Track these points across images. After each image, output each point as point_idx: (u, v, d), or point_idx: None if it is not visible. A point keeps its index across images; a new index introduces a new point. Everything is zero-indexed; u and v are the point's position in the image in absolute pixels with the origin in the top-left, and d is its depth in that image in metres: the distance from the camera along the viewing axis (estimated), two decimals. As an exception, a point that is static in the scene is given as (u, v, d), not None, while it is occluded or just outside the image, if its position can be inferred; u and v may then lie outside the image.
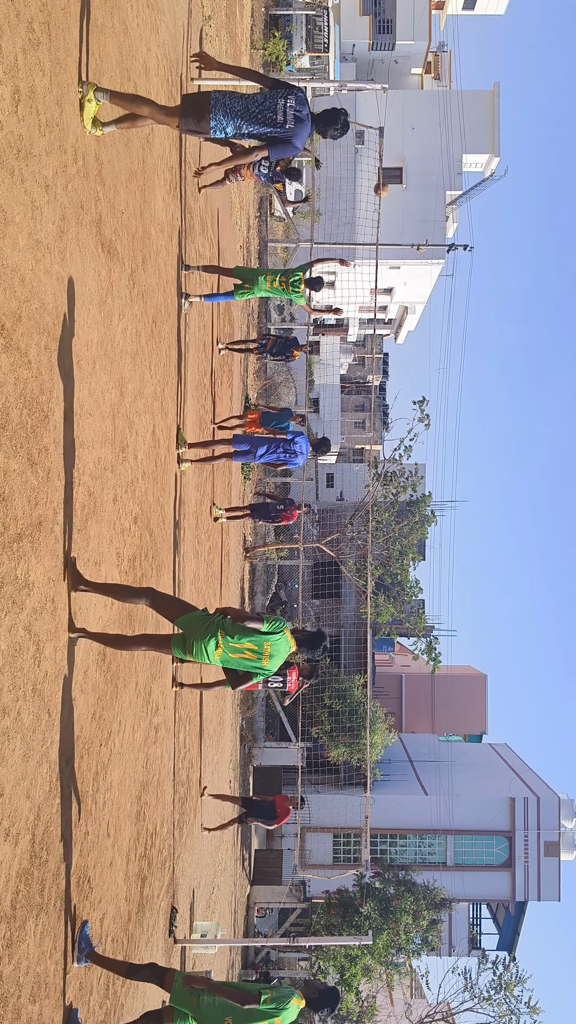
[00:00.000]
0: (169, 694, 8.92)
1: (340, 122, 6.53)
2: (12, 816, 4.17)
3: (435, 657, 24.67)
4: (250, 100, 6.00)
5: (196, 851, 11.42)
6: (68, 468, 5.05)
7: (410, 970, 29.38)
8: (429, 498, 25.86)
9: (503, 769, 34.36)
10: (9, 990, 4.14)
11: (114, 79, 6.23)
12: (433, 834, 30.58)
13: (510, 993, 22.16)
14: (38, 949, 4.54)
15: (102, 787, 5.97)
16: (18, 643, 4.24)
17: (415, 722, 42.56)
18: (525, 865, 30.48)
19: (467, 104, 38.30)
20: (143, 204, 7.36)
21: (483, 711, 43.99)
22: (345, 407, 59.17)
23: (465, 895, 30.12)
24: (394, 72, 47.68)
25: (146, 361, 7.51)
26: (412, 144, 38.20)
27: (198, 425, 11.34)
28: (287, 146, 6.08)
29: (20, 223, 4.21)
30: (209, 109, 5.89)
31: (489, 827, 30.74)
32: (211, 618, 5.80)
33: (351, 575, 24.91)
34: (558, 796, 30.97)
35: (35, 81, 4.45)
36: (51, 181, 4.70)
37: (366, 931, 20.71)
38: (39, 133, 4.51)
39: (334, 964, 21.81)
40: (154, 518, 7.91)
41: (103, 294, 5.91)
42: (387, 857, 30.22)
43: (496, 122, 39.46)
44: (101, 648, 5.90)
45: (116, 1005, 6.45)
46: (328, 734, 26.17)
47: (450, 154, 37.54)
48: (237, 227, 18.12)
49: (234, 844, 18.28)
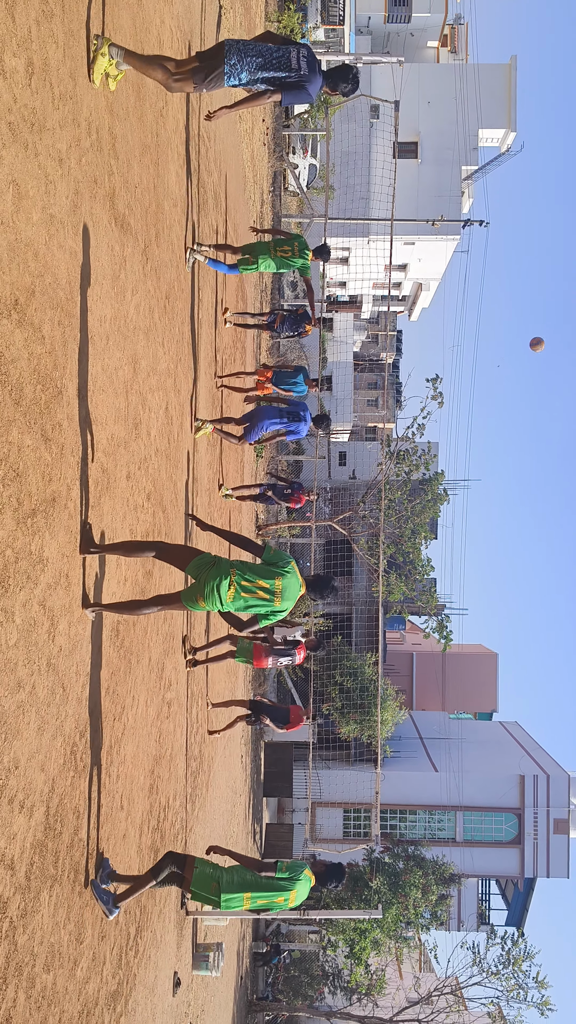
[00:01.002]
0: (182, 670, 8.97)
1: (351, 77, 6.48)
2: (27, 788, 4.21)
3: (446, 636, 24.71)
4: (264, 48, 6.05)
5: (208, 824, 11.52)
6: (82, 444, 5.05)
7: (419, 944, 29.69)
8: (442, 476, 25.79)
9: (513, 747, 34.50)
10: (24, 959, 4.20)
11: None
12: (443, 810, 30.78)
13: (518, 968, 22.32)
14: (52, 920, 4.60)
15: (116, 760, 6.02)
16: (33, 618, 4.26)
17: (425, 700, 42.70)
18: (534, 842, 30.67)
19: (483, 78, 37.83)
20: (156, 178, 7.31)
21: (494, 689, 44.08)
22: (358, 385, 58.95)
23: (474, 871, 30.36)
24: (410, 45, 47.10)
25: (159, 337, 7.49)
26: (428, 118, 37.80)
27: (211, 403, 11.33)
28: (301, 92, 6.11)
29: (34, 197, 4.20)
30: (224, 55, 5.90)
31: (499, 804, 30.92)
32: (222, 560, 5.66)
33: (363, 553, 24.93)
34: (567, 774, 31.09)
35: (48, 53, 4.42)
36: (65, 155, 4.68)
37: (376, 905, 20.89)
38: (53, 106, 4.48)
39: (344, 937, 22.03)
40: (167, 495, 7.92)
41: (116, 269, 5.89)
42: (397, 832, 30.45)
43: (513, 96, 38.97)
44: (114, 624, 5.93)
45: (129, 975, 6.54)
46: (339, 711, 26.30)
47: (466, 129, 37.13)
48: (250, 202, 18.00)
49: (246, 817, 18.43)
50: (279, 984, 25.45)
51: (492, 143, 41.48)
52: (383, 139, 33.72)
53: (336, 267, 43.29)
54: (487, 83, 37.91)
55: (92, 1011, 5.46)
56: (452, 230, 37.31)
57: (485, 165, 39.54)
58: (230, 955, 15.05)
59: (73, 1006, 5.02)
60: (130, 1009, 6.59)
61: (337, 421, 44.05)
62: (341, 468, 42.44)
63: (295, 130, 27.75)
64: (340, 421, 44.73)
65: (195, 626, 10.06)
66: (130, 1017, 6.59)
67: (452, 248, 41.97)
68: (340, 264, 42.96)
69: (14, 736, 4.04)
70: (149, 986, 7.36)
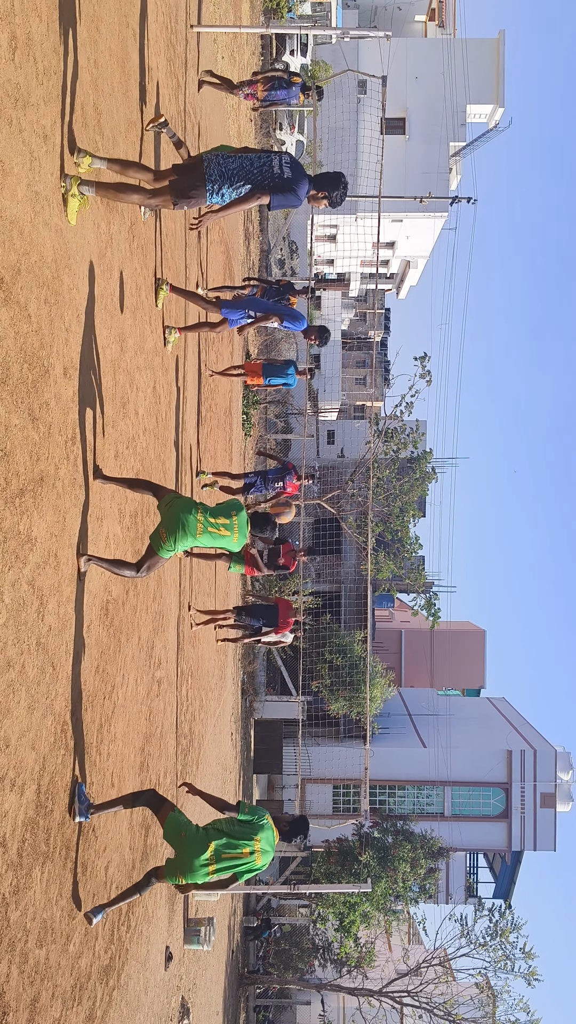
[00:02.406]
0: (171, 649, 9.00)
1: (341, 185, 6.22)
2: (18, 767, 4.24)
3: (434, 613, 24.83)
4: (244, 159, 5.79)
5: (199, 801, 11.60)
6: (69, 424, 5.04)
7: (408, 917, 30.04)
8: (430, 455, 25.82)
9: (500, 722, 34.79)
10: (17, 935, 4.24)
11: (112, 25, 6.10)
12: (431, 785, 31.05)
13: (505, 939, 22.61)
14: (44, 896, 4.64)
15: (106, 739, 6.05)
16: (22, 597, 4.27)
17: (414, 677, 42.96)
18: (521, 816, 30.99)
19: (471, 53, 37.51)
20: (142, 155, 7.25)
21: (481, 666, 44.37)
22: (346, 363, 58.81)
23: (462, 844, 30.68)
24: (397, 19, 46.67)
25: (146, 316, 7.45)
26: (415, 94, 37.50)
27: (200, 380, 11.29)
28: (290, 194, 5.84)
29: (19, 174, 4.16)
30: (204, 171, 5.66)
31: (486, 779, 31.21)
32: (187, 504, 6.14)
33: (352, 532, 24.98)
34: (554, 749, 31.39)
35: (32, 27, 4.36)
36: (49, 131, 4.63)
37: (365, 879, 21.10)
38: (37, 81, 4.43)
39: (334, 911, 22.26)
40: (156, 474, 7.91)
41: (103, 247, 5.85)
42: (386, 807, 30.72)
43: (501, 71, 38.67)
44: (104, 603, 5.94)
45: (121, 950, 6.61)
46: (328, 688, 26.44)
47: (454, 104, 36.87)
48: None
49: (236, 794, 18.56)
50: (270, 957, 25.73)
51: (480, 119, 41.18)
52: (370, 115, 33.47)
53: (324, 245, 43.05)
54: (475, 58, 37.60)
55: (85, 985, 5.52)
56: (440, 207, 37.10)
57: (473, 141, 39.27)
58: (221, 929, 15.21)
59: (66, 980, 5.08)
60: (123, 983, 6.66)
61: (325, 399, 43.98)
62: (329, 447, 42.41)
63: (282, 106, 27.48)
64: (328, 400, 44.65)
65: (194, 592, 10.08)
66: (123, 991, 6.67)
67: (440, 225, 41.78)
68: (328, 242, 42.73)
69: (4, 715, 4.06)
70: (141, 960, 7.44)
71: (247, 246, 20.32)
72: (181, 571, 9.80)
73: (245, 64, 18.74)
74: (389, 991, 22.44)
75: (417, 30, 47.96)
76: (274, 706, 26.38)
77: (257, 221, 23.12)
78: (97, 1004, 5.86)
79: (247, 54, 19.11)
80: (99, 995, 5.91)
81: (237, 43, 16.26)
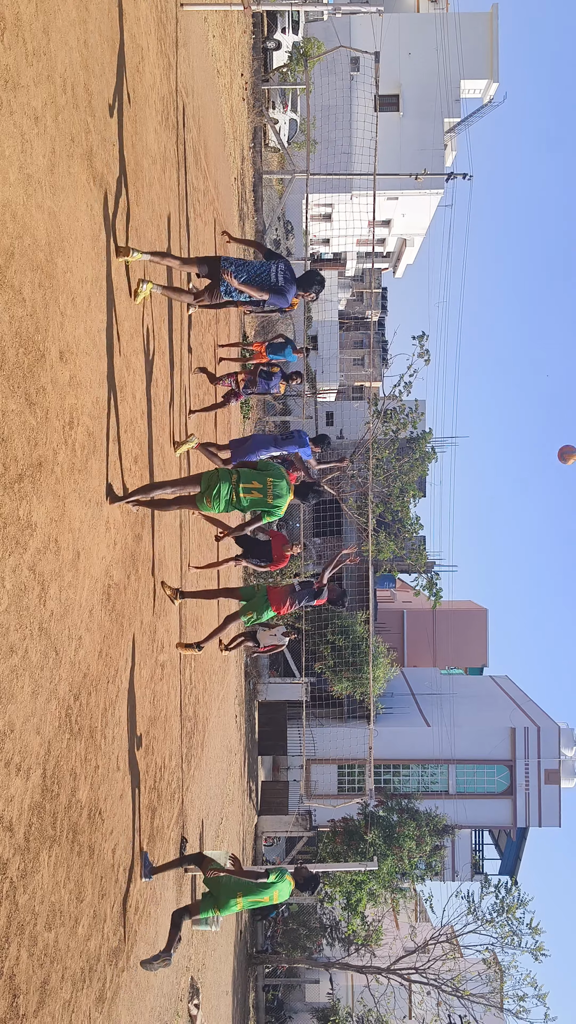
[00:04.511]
0: (175, 633, 9.01)
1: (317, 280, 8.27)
2: (23, 751, 4.25)
3: (436, 592, 24.87)
4: (250, 265, 7.75)
5: (204, 783, 11.66)
6: (67, 408, 5.02)
7: (414, 894, 30.23)
8: (429, 435, 25.77)
9: (504, 700, 34.92)
10: (26, 919, 4.26)
11: (102, 5, 6.03)
12: (435, 764, 31.20)
13: (512, 915, 22.76)
14: (52, 879, 4.67)
15: (111, 722, 6.07)
16: (23, 583, 4.27)
17: (417, 656, 43.08)
18: (526, 792, 31.16)
19: (465, 27, 37.14)
20: (135, 136, 7.19)
21: (484, 644, 44.48)
22: (344, 344, 58.59)
23: (467, 822, 30.87)
24: (390, -6, 46.09)
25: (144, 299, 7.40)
26: (409, 70, 37.15)
27: (197, 363, 11.25)
28: (281, 298, 7.86)
29: (10, 156, 4.12)
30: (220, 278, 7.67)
31: (490, 756, 31.36)
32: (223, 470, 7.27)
33: (352, 513, 24.97)
34: (558, 725, 31.52)
35: (20, 8, 4.31)
36: (40, 113, 4.59)
37: (371, 857, 21.24)
38: (26, 63, 4.38)
39: (340, 890, 22.41)
40: (155, 458, 7.89)
41: (96, 229, 5.81)
42: (391, 787, 30.88)
43: (495, 46, 38.31)
44: (105, 587, 5.94)
45: (130, 932, 6.65)
46: (331, 669, 26.52)
47: (448, 80, 36.53)
48: (231, 159, 17.73)
49: (241, 776, 18.65)
50: (278, 937, 25.95)
51: (475, 94, 40.82)
52: (364, 92, 33.19)
53: (319, 224, 42.80)
54: (469, 33, 37.21)
55: (94, 967, 5.56)
56: (435, 184, 36.87)
57: (468, 117, 38.94)
58: (229, 910, 15.30)
59: (75, 963, 5.11)
60: (132, 965, 6.71)
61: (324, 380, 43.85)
62: (328, 428, 42.31)
63: (274, 84, 27.25)
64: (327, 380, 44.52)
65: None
66: (132, 973, 6.72)
67: (436, 202, 41.53)
68: (323, 221, 42.48)
69: (8, 700, 4.07)
70: (150, 942, 7.49)
71: (242, 227, 20.19)
72: (182, 555, 9.80)
73: (236, 43, 18.56)
74: (397, 968, 22.63)
75: (410, 5, 47.46)
76: (278, 688, 26.47)
77: (251, 201, 22.97)
78: (107, 986, 5.90)
79: (238, 32, 18.92)
80: (108, 977, 5.96)
81: (228, 21, 16.10)
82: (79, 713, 5.24)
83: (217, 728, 13.57)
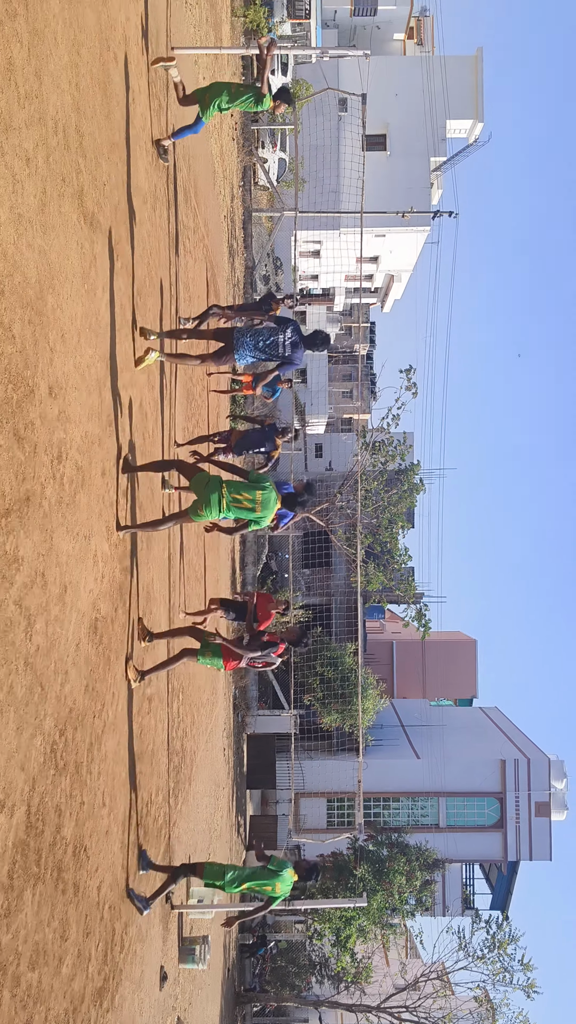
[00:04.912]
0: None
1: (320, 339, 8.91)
2: (7, 788, 4.23)
3: (425, 623, 24.84)
4: (259, 336, 8.39)
5: (191, 818, 11.56)
6: (55, 443, 5.05)
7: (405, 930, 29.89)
8: (417, 467, 25.89)
9: (493, 732, 34.78)
10: (8, 958, 4.22)
11: (94, 49, 6.16)
12: (425, 797, 30.99)
13: (504, 951, 22.52)
14: (36, 918, 4.62)
15: (96, 757, 6.04)
16: (9, 618, 4.27)
17: (406, 688, 42.93)
18: (516, 825, 30.95)
19: (450, 69, 37.88)
20: (126, 175, 7.30)
21: (473, 675, 44.38)
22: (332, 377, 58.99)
23: (458, 856, 30.60)
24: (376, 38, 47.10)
25: (130, 334, 7.48)
26: (396, 110, 37.80)
27: (186, 397, 11.32)
28: (289, 366, 8.80)
29: (1, 197, 4.19)
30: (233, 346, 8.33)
31: (480, 789, 31.17)
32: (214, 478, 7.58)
33: (341, 544, 25.01)
34: (548, 757, 31.39)
35: (13, 52, 4.41)
36: (32, 154, 4.67)
37: (360, 893, 21.02)
38: (19, 105, 4.47)
39: (330, 926, 22.15)
40: (143, 491, 7.93)
41: (86, 267, 5.88)
42: (380, 820, 30.63)
43: (480, 87, 39.07)
44: (92, 621, 5.94)
45: (115, 971, 6.57)
46: (320, 701, 26.41)
47: (434, 120, 37.18)
48: (220, 197, 17.96)
49: (229, 810, 18.49)
50: (266, 975, 25.56)
51: (460, 134, 41.55)
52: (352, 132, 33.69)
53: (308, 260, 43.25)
54: (454, 75, 37.95)
55: (79, 1008, 5.49)
56: (422, 221, 37.34)
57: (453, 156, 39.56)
58: (216, 948, 15.11)
59: (59, 1004, 5.05)
60: (117, 1005, 6.62)
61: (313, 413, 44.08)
62: (317, 460, 42.49)
63: (264, 124, 27.67)
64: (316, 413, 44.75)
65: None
66: (117, 1013, 6.63)
67: (423, 239, 42.03)
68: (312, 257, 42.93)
69: (-6, 736, 4.06)
70: (136, 981, 7.39)
71: (231, 263, 20.41)
72: (171, 588, 9.80)
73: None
74: (387, 1007, 22.32)
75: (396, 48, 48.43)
76: (266, 720, 26.32)
77: (241, 238, 23.23)
78: (92, 1026, 5.82)
79: (228, 74, 19.25)
80: (93, 1018, 5.88)
81: (218, 64, 16.39)
82: (64, 749, 5.22)
83: (205, 762, 13.48)
